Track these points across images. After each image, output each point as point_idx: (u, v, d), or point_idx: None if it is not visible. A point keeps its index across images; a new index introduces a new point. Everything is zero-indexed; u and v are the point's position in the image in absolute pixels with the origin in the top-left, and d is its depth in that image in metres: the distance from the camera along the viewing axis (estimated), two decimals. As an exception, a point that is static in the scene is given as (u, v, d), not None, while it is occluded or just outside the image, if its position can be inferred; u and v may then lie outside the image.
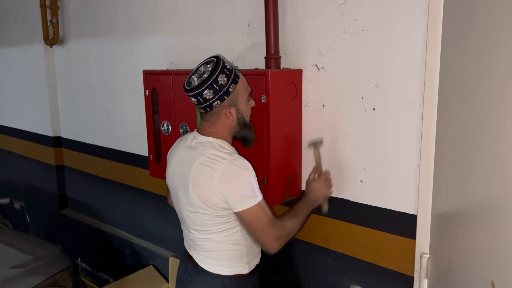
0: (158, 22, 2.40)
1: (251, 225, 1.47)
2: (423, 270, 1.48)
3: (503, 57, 0.92)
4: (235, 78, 1.49)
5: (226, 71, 1.46)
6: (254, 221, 1.46)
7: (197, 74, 1.48)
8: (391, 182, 1.58)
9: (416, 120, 1.48)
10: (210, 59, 1.51)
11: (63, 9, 3.14)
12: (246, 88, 1.55)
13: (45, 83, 3.38)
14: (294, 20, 1.77)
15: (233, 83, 1.48)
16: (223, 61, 1.48)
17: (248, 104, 1.57)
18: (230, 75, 1.47)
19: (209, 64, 1.48)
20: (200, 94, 1.46)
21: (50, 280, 2.43)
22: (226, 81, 1.46)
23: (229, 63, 1.50)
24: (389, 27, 1.51)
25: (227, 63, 1.49)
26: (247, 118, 1.57)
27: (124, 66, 2.69)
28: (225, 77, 1.46)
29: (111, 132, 2.91)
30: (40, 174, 3.67)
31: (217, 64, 1.46)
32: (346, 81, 1.65)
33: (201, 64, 1.51)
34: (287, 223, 1.52)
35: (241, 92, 1.52)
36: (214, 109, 1.50)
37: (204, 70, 1.47)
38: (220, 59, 1.48)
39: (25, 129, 3.81)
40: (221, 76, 1.45)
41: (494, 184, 0.96)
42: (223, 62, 1.48)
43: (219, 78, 1.45)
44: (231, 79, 1.47)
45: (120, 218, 3.03)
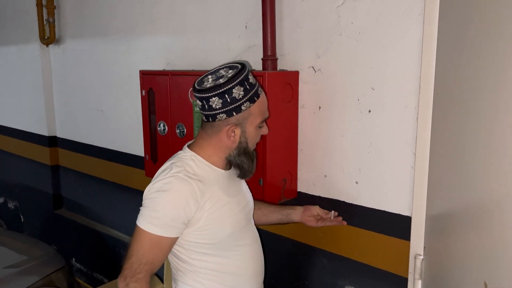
0: (155, 22, 2.40)
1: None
2: (417, 271, 1.49)
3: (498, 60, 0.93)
4: (253, 96, 1.28)
5: (246, 85, 1.26)
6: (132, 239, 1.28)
7: (214, 75, 1.30)
8: (386, 184, 1.59)
9: (411, 122, 1.49)
10: (235, 64, 1.31)
11: (59, 9, 3.13)
12: (263, 112, 1.33)
13: (41, 83, 3.37)
14: (291, 22, 1.78)
15: (249, 101, 1.27)
16: (248, 71, 1.27)
17: (258, 131, 1.35)
18: (249, 91, 1.26)
19: (231, 70, 1.29)
20: (207, 99, 1.26)
21: (45, 280, 2.42)
22: (242, 96, 1.25)
23: (253, 77, 1.31)
24: (385, 30, 1.52)
25: (251, 76, 1.29)
26: (251, 145, 1.35)
27: (121, 66, 2.69)
28: (243, 91, 1.25)
29: (107, 132, 2.90)
30: (35, 174, 3.66)
31: (239, 73, 1.25)
32: (342, 83, 1.66)
33: (223, 66, 1.33)
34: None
35: (254, 114, 1.30)
36: (217, 122, 1.29)
37: (224, 74, 1.28)
38: (245, 68, 1.27)
39: (20, 129, 3.79)
40: (238, 88, 1.24)
41: (489, 186, 0.97)
42: (247, 72, 1.27)
43: (235, 89, 1.24)
44: (248, 95, 1.26)
45: (115, 218, 3.02)
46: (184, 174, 1.28)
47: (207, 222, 1.30)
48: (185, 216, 1.27)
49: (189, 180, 1.27)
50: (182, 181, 1.26)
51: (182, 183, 1.26)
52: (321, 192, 1.78)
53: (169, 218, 1.25)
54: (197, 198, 1.27)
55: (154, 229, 1.25)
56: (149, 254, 1.26)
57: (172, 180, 1.26)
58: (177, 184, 1.26)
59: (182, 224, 1.28)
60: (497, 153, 0.93)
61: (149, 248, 1.26)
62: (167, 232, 1.26)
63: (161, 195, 1.26)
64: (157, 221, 1.25)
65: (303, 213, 1.61)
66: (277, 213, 1.64)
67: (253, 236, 1.47)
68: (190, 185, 1.26)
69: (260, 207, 1.64)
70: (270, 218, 1.64)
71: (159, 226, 1.25)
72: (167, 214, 1.25)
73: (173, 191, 1.25)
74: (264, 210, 1.64)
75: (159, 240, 1.26)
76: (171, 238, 1.28)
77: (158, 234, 1.25)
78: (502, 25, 0.92)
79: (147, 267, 1.26)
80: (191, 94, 1.88)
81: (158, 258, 1.29)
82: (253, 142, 1.36)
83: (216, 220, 1.32)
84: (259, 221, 1.62)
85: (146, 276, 1.26)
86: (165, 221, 1.25)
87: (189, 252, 1.34)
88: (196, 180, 1.28)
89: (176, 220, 1.26)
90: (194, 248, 1.34)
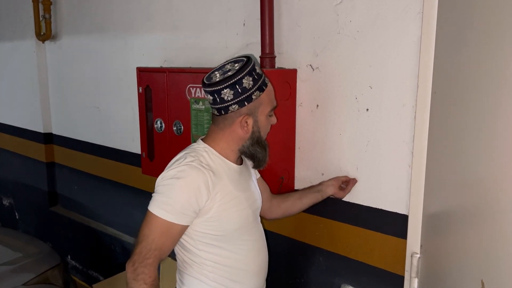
0: (153, 19, 2.39)
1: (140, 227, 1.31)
2: (414, 269, 1.49)
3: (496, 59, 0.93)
4: (262, 85, 1.32)
5: (255, 75, 1.30)
6: (142, 225, 1.30)
7: (221, 71, 1.33)
8: (383, 182, 1.60)
9: (409, 121, 1.50)
10: (239, 58, 1.35)
11: (55, 5, 3.11)
12: (271, 100, 1.38)
13: (36, 79, 3.35)
14: (289, 20, 1.78)
15: (258, 90, 1.31)
16: (254, 62, 1.32)
17: (269, 120, 1.39)
18: (257, 80, 1.31)
19: (237, 63, 1.33)
20: (219, 92, 1.29)
21: (40, 278, 2.41)
22: (252, 86, 1.30)
23: (259, 68, 1.36)
24: (383, 29, 1.52)
25: (257, 67, 1.34)
26: (263, 135, 1.39)
27: (117, 63, 2.67)
28: (252, 80, 1.29)
29: (103, 129, 2.89)
30: (30, 171, 3.64)
31: (247, 64, 1.30)
32: (340, 82, 1.66)
33: (228, 62, 1.36)
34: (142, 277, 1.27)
35: (264, 103, 1.34)
36: (229, 114, 1.32)
37: (230, 68, 1.32)
38: (251, 60, 1.32)
39: (16, 125, 3.77)
40: (247, 78, 1.29)
41: (485, 184, 0.97)
42: (254, 63, 1.32)
43: (245, 80, 1.28)
44: (257, 84, 1.31)
45: (111, 215, 3.01)
46: (197, 163, 1.31)
47: (216, 214, 1.33)
48: (197, 205, 1.29)
49: (203, 169, 1.30)
50: (195, 170, 1.29)
51: (195, 172, 1.29)
52: (318, 190, 1.78)
53: (181, 205, 1.27)
54: (209, 188, 1.29)
55: (166, 215, 1.27)
56: (159, 240, 1.28)
57: (186, 169, 1.29)
58: (191, 172, 1.28)
59: (193, 213, 1.30)
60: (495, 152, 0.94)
61: (160, 234, 1.28)
62: (178, 219, 1.28)
63: (174, 182, 1.28)
64: (169, 207, 1.27)
65: (336, 186, 1.64)
66: (309, 193, 1.66)
67: (259, 233, 1.49)
68: (203, 174, 1.29)
69: (291, 194, 1.67)
70: (304, 201, 1.66)
71: (171, 212, 1.27)
72: (180, 201, 1.27)
73: (186, 178, 1.28)
74: (295, 195, 1.67)
75: (169, 226, 1.28)
76: (181, 225, 1.30)
77: (170, 221, 1.27)
78: (500, 24, 0.92)
79: (156, 252, 1.28)
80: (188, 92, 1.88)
81: (167, 245, 1.30)
82: (264, 131, 1.39)
83: (225, 213, 1.34)
84: (294, 207, 1.66)
85: (155, 261, 1.28)
86: (177, 208, 1.27)
87: (197, 242, 1.36)
88: (209, 170, 1.31)
89: (187, 208, 1.28)
90: (202, 238, 1.35)
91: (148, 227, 1.29)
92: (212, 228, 1.34)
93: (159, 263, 1.30)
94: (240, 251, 1.41)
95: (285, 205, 1.67)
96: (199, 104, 1.84)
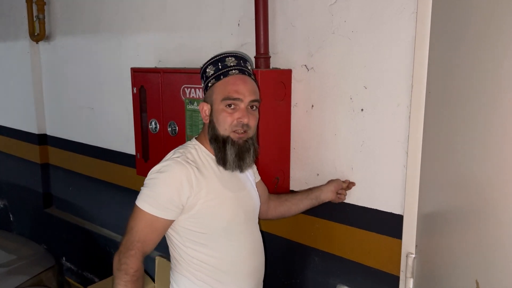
0: (147, 19, 2.38)
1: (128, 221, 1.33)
2: (409, 269, 1.49)
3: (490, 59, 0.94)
4: (220, 75, 1.36)
5: (219, 65, 1.36)
6: (130, 219, 1.32)
7: None
8: (378, 183, 1.60)
9: (404, 121, 1.50)
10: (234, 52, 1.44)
11: (49, 5, 3.10)
12: (228, 91, 1.34)
13: (30, 80, 3.33)
14: (284, 20, 1.78)
15: (215, 79, 1.37)
16: (227, 56, 1.38)
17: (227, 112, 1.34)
18: (219, 70, 1.36)
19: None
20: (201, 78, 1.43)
21: (34, 280, 2.40)
22: (211, 74, 1.38)
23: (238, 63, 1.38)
24: (378, 29, 1.52)
25: (232, 61, 1.37)
26: (220, 128, 1.35)
27: (112, 63, 2.66)
28: (213, 70, 1.37)
29: (98, 130, 2.88)
30: (24, 172, 3.62)
31: (217, 55, 1.38)
32: (335, 82, 1.66)
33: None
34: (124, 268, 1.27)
35: (217, 91, 1.36)
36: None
37: None
38: (228, 53, 1.39)
39: (10, 126, 3.74)
40: (210, 67, 1.38)
41: (480, 184, 0.98)
42: (224, 56, 1.38)
43: (208, 68, 1.39)
44: (216, 74, 1.36)
45: (106, 217, 2.99)
46: (182, 159, 1.34)
47: (202, 211, 1.33)
48: (179, 199, 1.30)
49: (187, 165, 1.32)
50: (179, 165, 1.32)
51: (179, 167, 1.31)
52: (313, 191, 1.78)
53: (163, 198, 1.29)
54: (192, 183, 1.31)
55: (149, 208, 1.30)
56: (142, 232, 1.30)
57: (170, 163, 1.32)
58: (175, 167, 1.31)
59: (176, 207, 1.31)
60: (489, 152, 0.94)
61: (143, 227, 1.30)
62: (161, 212, 1.30)
63: (158, 176, 1.31)
64: (153, 200, 1.30)
65: (334, 193, 1.63)
66: (305, 199, 1.65)
67: (252, 236, 1.47)
68: (186, 169, 1.31)
69: (288, 199, 1.67)
70: (301, 206, 1.66)
71: (154, 206, 1.29)
72: (162, 194, 1.30)
73: (169, 172, 1.31)
74: (292, 200, 1.66)
75: (153, 219, 1.30)
76: (164, 219, 1.31)
77: (152, 214, 1.29)
78: (494, 24, 0.93)
79: (139, 244, 1.29)
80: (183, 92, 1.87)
81: (151, 238, 1.32)
82: (222, 124, 1.35)
83: (209, 210, 1.34)
84: (289, 212, 1.67)
85: (137, 253, 1.29)
86: (160, 202, 1.29)
87: (184, 239, 1.37)
88: (193, 166, 1.33)
89: (170, 202, 1.30)
90: (188, 235, 1.36)
91: (133, 219, 1.32)
92: (197, 226, 1.35)
93: (143, 255, 1.30)
94: (228, 252, 1.39)
95: (282, 209, 1.66)
96: (193, 105, 1.83)
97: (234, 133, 1.35)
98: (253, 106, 1.37)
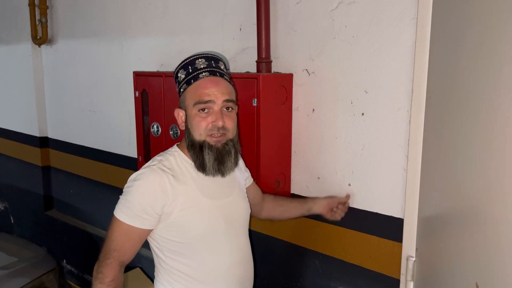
0: (149, 23, 2.40)
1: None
2: (409, 273, 1.50)
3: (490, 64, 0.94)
4: (191, 79, 1.31)
5: (190, 69, 1.31)
6: (108, 227, 1.32)
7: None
8: (379, 186, 1.61)
9: (404, 125, 1.51)
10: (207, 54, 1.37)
11: (52, 9, 3.11)
12: (199, 94, 1.29)
13: (32, 83, 3.34)
14: (285, 25, 1.79)
15: (186, 83, 1.32)
16: (196, 58, 1.32)
17: (201, 116, 1.29)
18: (190, 74, 1.31)
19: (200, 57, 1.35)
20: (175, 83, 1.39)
21: (35, 282, 2.40)
22: (182, 79, 1.33)
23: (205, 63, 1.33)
24: (378, 34, 1.53)
25: (202, 63, 1.32)
26: (195, 133, 1.31)
27: (114, 67, 2.67)
28: (184, 74, 1.32)
29: (99, 133, 2.89)
30: (25, 175, 3.62)
31: (186, 59, 1.32)
32: (336, 86, 1.67)
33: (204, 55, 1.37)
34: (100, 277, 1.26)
35: (188, 96, 1.31)
36: None
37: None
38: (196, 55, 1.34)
39: (11, 129, 3.75)
40: (181, 71, 1.34)
41: (481, 188, 0.98)
42: (194, 59, 1.32)
43: (179, 73, 1.34)
44: (187, 78, 1.32)
45: (107, 219, 2.97)
46: (158, 167, 1.31)
47: (178, 219, 1.30)
48: (151, 208, 1.27)
49: (161, 172, 1.29)
50: (153, 173, 1.29)
51: (153, 175, 1.29)
52: (314, 194, 1.79)
53: (137, 207, 1.27)
54: (167, 192, 1.28)
55: (124, 217, 1.28)
56: (118, 241, 1.28)
57: (145, 171, 1.30)
58: (149, 175, 1.29)
59: (150, 216, 1.28)
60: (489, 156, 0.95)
61: (118, 236, 1.29)
62: (134, 221, 1.28)
63: (132, 184, 1.29)
64: (127, 210, 1.28)
65: (326, 208, 1.62)
66: (299, 208, 1.65)
67: (236, 245, 1.40)
68: (160, 177, 1.28)
69: (282, 204, 1.67)
70: (293, 213, 1.67)
71: (128, 215, 1.28)
72: (136, 203, 1.27)
73: (142, 180, 1.28)
74: (286, 206, 1.67)
75: (127, 228, 1.28)
76: (139, 228, 1.29)
77: (126, 223, 1.28)
78: (494, 29, 0.93)
79: (115, 253, 1.27)
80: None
81: (127, 247, 1.30)
82: (197, 129, 1.30)
83: (185, 218, 1.31)
84: (281, 217, 1.70)
85: (113, 262, 1.27)
86: (133, 211, 1.27)
87: (163, 248, 1.35)
88: (169, 174, 1.30)
89: (143, 211, 1.27)
90: (166, 244, 1.34)
91: (110, 228, 1.31)
92: (174, 235, 1.32)
93: (120, 264, 1.28)
94: (204, 261, 1.34)
95: (275, 213, 1.69)
96: (195, 108, 1.84)
97: (210, 137, 1.30)
98: (228, 108, 1.31)
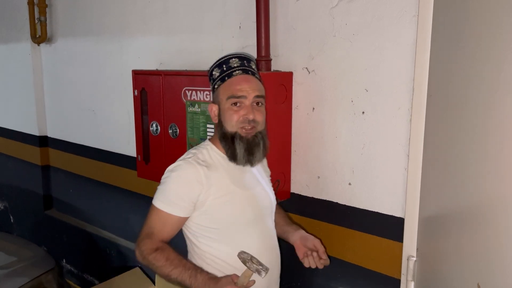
0: (148, 22, 2.39)
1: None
2: (410, 273, 1.49)
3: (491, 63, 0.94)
4: (225, 77, 1.42)
5: (224, 67, 1.42)
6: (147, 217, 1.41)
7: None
8: (379, 185, 1.60)
9: (405, 124, 1.50)
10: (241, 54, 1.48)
11: (51, 7, 3.10)
12: (232, 90, 1.39)
13: (31, 82, 3.33)
14: (285, 23, 1.78)
15: (220, 80, 1.42)
16: (230, 57, 1.43)
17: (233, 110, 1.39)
18: (224, 72, 1.42)
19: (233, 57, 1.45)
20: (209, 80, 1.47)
21: (34, 282, 2.39)
22: (217, 76, 1.43)
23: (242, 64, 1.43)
24: (379, 32, 1.52)
25: (236, 62, 1.42)
26: (228, 126, 1.40)
27: (113, 66, 2.67)
28: (219, 72, 1.43)
29: (98, 132, 2.88)
30: (25, 174, 3.62)
31: (221, 58, 1.43)
32: (336, 85, 1.66)
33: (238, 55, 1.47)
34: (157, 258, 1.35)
35: (222, 91, 1.42)
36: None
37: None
38: (231, 55, 1.44)
39: (10, 128, 3.75)
40: (216, 69, 1.44)
41: (481, 188, 0.98)
42: (228, 58, 1.43)
43: (214, 71, 1.44)
44: (222, 75, 1.42)
45: (106, 219, 2.99)
46: (193, 159, 1.42)
47: (212, 207, 1.39)
48: (188, 197, 1.38)
49: (196, 165, 1.40)
50: (189, 165, 1.40)
51: (188, 166, 1.39)
52: (314, 194, 1.78)
53: (173, 195, 1.38)
54: (202, 182, 1.38)
55: (161, 205, 1.39)
56: (155, 226, 1.39)
57: (181, 163, 1.41)
58: (184, 167, 1.40)
59: (185, 203, 1.38)
60: (490, 155, 0.94)
61: (156, 222, 1.40)
62: (171, 209, 1.38)
63: (169, 175, 1.40)
64: (164, 198, 1.39)
65: (300, 240, 1.53)
66: (279, 228, 1.61)
67: (263, 233, 1.49)
68: (195, 169, 1.38)
69: (276, 217, 1.61)
70: (276, 230, 1.60)
71: (165, 202, 1.39)
72: (172, 191, 1.39)
73: (178, 171, 1.39)
74: (276, 219, 1.61)
75: (164, 216, 1.39)
76: (175, 216, 1.39)
77: (164, 210, 1.38)
78: (495, 27, 0.93)
79: (153, 235, 1.38)
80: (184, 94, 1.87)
81: (164, 231, 1.40)
82: (229, 121, 1.40)
83: (219, 206, 1.40)
84: None
85: (154, 238, 1.37)
86: (170, 199, 1.38)
87: (197, 235, 1.44)
88: (203, 166, 1.40)
89: (179, 199, 1.38)
90: (201, 231, 1.43)
91: (148, 216, 1.41)
92: (208, 221, 1.41)
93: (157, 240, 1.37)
94: (236, 246, 1.38)
95: None
96: (194, 107, 1.84)
97: (241, 129, 1.40)
98: (258, 103, 1.41)
